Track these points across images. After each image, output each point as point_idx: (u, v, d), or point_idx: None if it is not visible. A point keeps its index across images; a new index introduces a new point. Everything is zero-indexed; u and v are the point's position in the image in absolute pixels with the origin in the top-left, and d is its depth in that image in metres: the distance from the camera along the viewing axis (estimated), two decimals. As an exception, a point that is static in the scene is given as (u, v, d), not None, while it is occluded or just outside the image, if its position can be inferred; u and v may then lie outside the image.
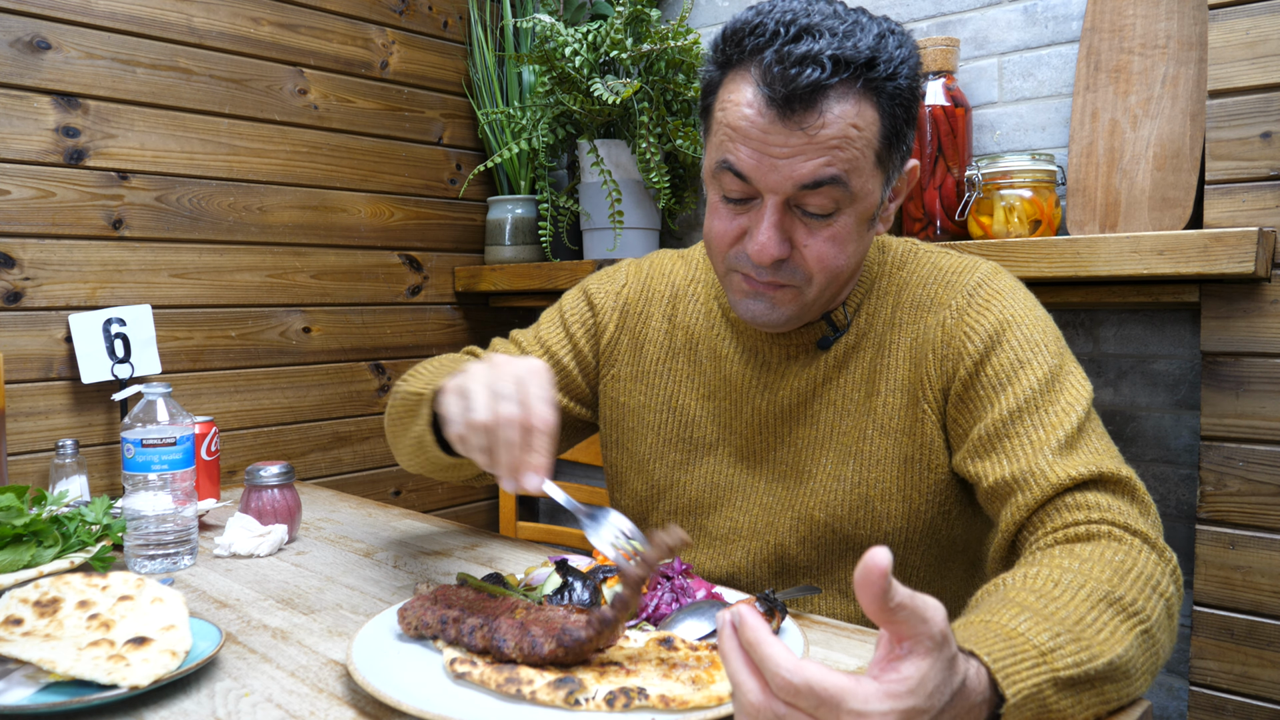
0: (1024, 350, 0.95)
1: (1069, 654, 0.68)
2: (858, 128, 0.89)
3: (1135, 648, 0.73)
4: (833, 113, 0.88)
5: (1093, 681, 0.69)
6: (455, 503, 2.24)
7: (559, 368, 1.18)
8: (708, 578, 1.09)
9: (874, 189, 0.94)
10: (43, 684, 0.74)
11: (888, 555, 0.52)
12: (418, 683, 0.75)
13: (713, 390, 1.10)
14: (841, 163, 0.89)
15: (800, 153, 0.88)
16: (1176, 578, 0.83)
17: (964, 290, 1.00)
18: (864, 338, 1.04)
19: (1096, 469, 0.87)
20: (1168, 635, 0.78)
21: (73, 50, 1.59)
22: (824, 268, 0.94)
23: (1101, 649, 0.70)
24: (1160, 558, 0.83)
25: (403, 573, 1.12)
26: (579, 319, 1.19)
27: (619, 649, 0.79)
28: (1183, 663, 1.44)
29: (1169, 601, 0.80)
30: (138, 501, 1.11)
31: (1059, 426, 0.90)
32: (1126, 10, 1.41)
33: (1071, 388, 0.94)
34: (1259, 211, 1.21)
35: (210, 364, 1.80)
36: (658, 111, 1.81)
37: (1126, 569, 0.79)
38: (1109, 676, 0.70)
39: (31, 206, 1.56)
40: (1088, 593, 0.75)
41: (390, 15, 2.06)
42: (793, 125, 0.88)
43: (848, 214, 0.93)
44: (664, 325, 1.15)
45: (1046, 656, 0.66)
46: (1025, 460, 0.89)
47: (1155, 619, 0.76)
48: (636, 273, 1.20)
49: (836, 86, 0.87)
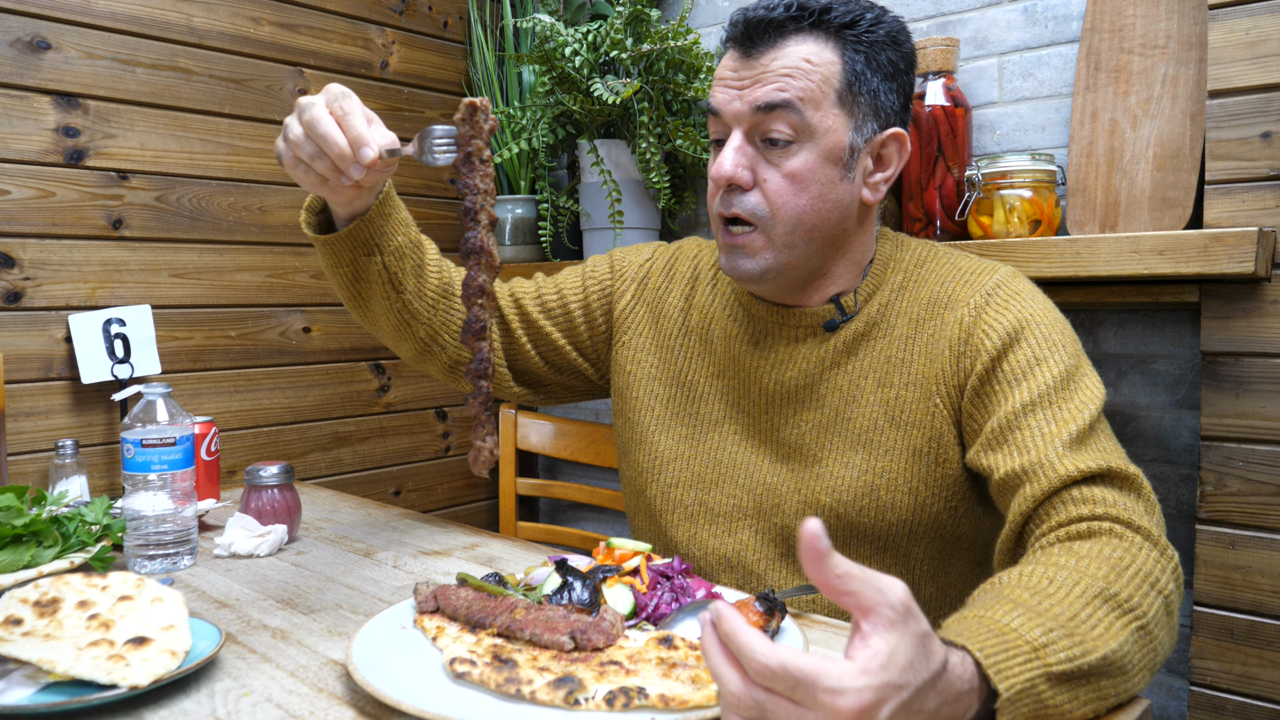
0: (1041, 348, 0.97)
1: (1062, 649, 0.68)
2: (811, 62, 0.98)
3: (1131, 644, 0.73)
4: (788, 48, 0.98)
5: (1087, 677, 0.69)
6: (455, 503, 2.24)
7: (564, 312, 1.23)
8: (713, 555, 1.09)
9: (836, 128, 0.99)
10: (42, 684, 0.74)
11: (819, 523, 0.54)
12: (417, 682, 0.75)
13: (722, 369, 1.13)
14: (794, 90, 0.97)
15: (757, 81, 0.99)
16: (1177, 576, 0.83)
17: (983, 289, 1.03)
18: (875, 327, 1.06)
19: (1105, 464, 0.89)
20: (1167, 632, 0.78)
21: (73, 50, 1.59)
22: (782, 203, 1.00)
23: (1095, 644, 0.70)
24: (1161, 555, 0.83)
25: (403, 573, 1.12)
26: (597, 278, 1.25)
27: (619, 648, 0.79)
28: (1183, 663, 1.44)
29: (1168, 599, 0.80)
30: (137, 502, 1.11)
31: (1071, 422, 0.92)
32: (1126, 10, 1.41)
33: (1086, 388, 0.95)
34: (1259, 211, 1.21)
35: (210, 364, 1.80)
36: (658, 111, 1.81)
37: (1125, 566, 0.80)
38: (1104, 672, 0.70)
39: (31, 206, 1.56)
40: (1083, 589, 0.75)
41: (390, 15, 2.06)
42: (753, 61, 0.99)
43: (808, 150, 0.99)
44: (681, 304, 1.20)
45: (1039, 652, 0.66)
46: (1036, 453, 0.91)
47: (1153, 616, 0.76)
48: (664, 252, 1.26)
49: (792, 29, 0.98)
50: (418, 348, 1.16)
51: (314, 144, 0.89)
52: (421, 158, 0.89)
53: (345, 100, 0.89)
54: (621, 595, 0.89)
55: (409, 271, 1.09)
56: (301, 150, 0.90)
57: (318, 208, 1.07)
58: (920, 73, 1.51)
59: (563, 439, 1.82)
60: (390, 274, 1.07)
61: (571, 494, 1.78)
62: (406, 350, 1.17)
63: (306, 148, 0.90)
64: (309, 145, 0.90)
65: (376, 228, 1.04)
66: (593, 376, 1.27)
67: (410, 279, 1.09)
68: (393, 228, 1.06)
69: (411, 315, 1.12)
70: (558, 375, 1.26)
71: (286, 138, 0.91)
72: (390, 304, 1.10)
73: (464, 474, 2.25)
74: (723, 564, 1.09)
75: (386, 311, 1.11)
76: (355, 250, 1.05)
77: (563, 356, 1.24)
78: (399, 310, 1.11)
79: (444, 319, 1.14)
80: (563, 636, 0.78)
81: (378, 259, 1.06)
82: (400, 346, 1.17)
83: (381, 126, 0.92)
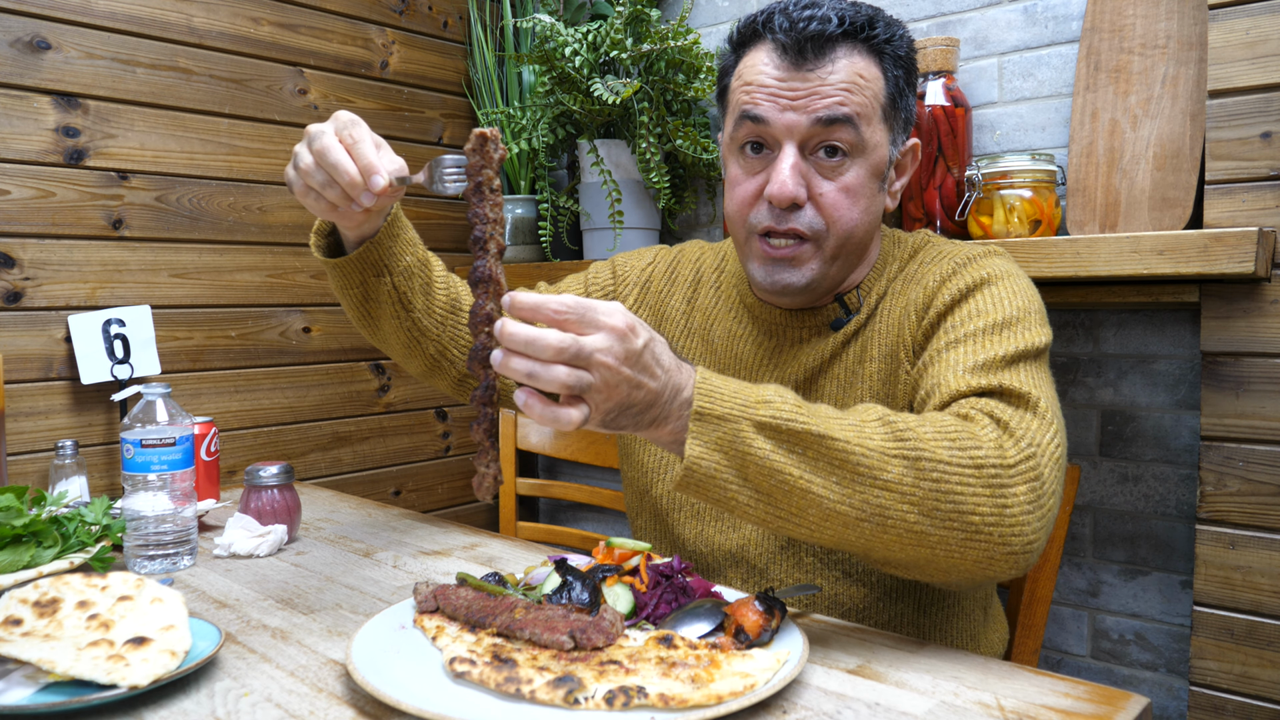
0: (986, 303, 0.97)
1: (780, 407, 0.78)
2: (864, 78, 0.98)
3: (872, 450, 0.78)
4: (841, 61, 0.97)
5: (797, 438, 0.77)
6: (455, 503, 2.24)
7: None
8: (718, 551, 1.09)
9: (882, 143, 1.01)
10: (42, 684, 0.74)
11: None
12: (417, 682, 0.75)
13: (724, 367, 1.14)
14: (853, 104, 0.97)
15: (815, 93, 0.97)
16: (1018, 464, 0.80)
17: (954, 261, 1.04)
18: (871, 318, 1.08)
19: (999, 383, 0.87)
20: (968, 485, 0.78)
21: (73, 50, 1.59)
22: (838, 217, 1.00)
23: (823, 425, 0.78)
24: (1002, 435, 0.82)
25: (403, 573, 1.12)
26: (599, 284, 1.26)
27: (619, 648, 0.79)
28: (1183, 663, 1.44)
29: (977, 463, 0.79)
30: (137, 502, 1.11)
31: (982, 351, 0.91)
32: (1126, 10, 1.41)
33: (1019, 335, 0.93)
34: (1259, 211, 1.21)
35: (210, 364, 1.80)
36: (658, 111, 1.81)
37: (936, 421, 0.82)
38: (819, 446, 0.77)
39: (31, 206, 1.56)
40: (864, 409, 0.82)
41: (390, 15, 2.06)
42: (805, 71, 0.97)
43: (859, 165, 0.99)
44: (684, 307, 1.20)
45: (757, 404, 0.78)
46: (938, 376, 0.92)
47: (931, 457, 0.78)
48: (666, 255, 1.27)
49: (842, 40, 0.98)
50: (427, 364, 1.16)
51: (324, 172, 0.90)
52: (432, 186, 0.89)
53: (354, 128, 0.90)
54: (621, 595, 0.89)
55: (417, 290, 1.10)
56: (312, 179, 0.91)
57: (326, 230, 1.08)
58: (920, 73, 1.51)
59: (562, 439, 1.82)
60: (399, 294, 1.08)
61: (571, 494, 1.78)
62: (416, 366, 1.18)
63: (317, 176, 0.90)
64: (320, 174, 0.90)
65: (385, 249, 1.05)
66: None
67: (419, 297, 1.10)
68: (401, 248, 1.06)
69: (421, 333, 1.13)
70: None
71: (297, 166, 0.92)
72: (400, 323, 1.11)
73: (464, 474, 2.25)
74: (728, 560, 1.09)
75: (396, 330, 1.12)
76: (365, 272, 1.06)
77: None
78: (408, 328, 1.12)
79: (452, 334, 1.15)
80: (562, 636, 0.78)
81: (387, 279, 1.07)
82: (410, 363, 1.18)
83: (390, 152, 0.92)
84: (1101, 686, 0.75)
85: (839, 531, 0.79)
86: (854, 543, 0.80)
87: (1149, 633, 1.48)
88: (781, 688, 0.72)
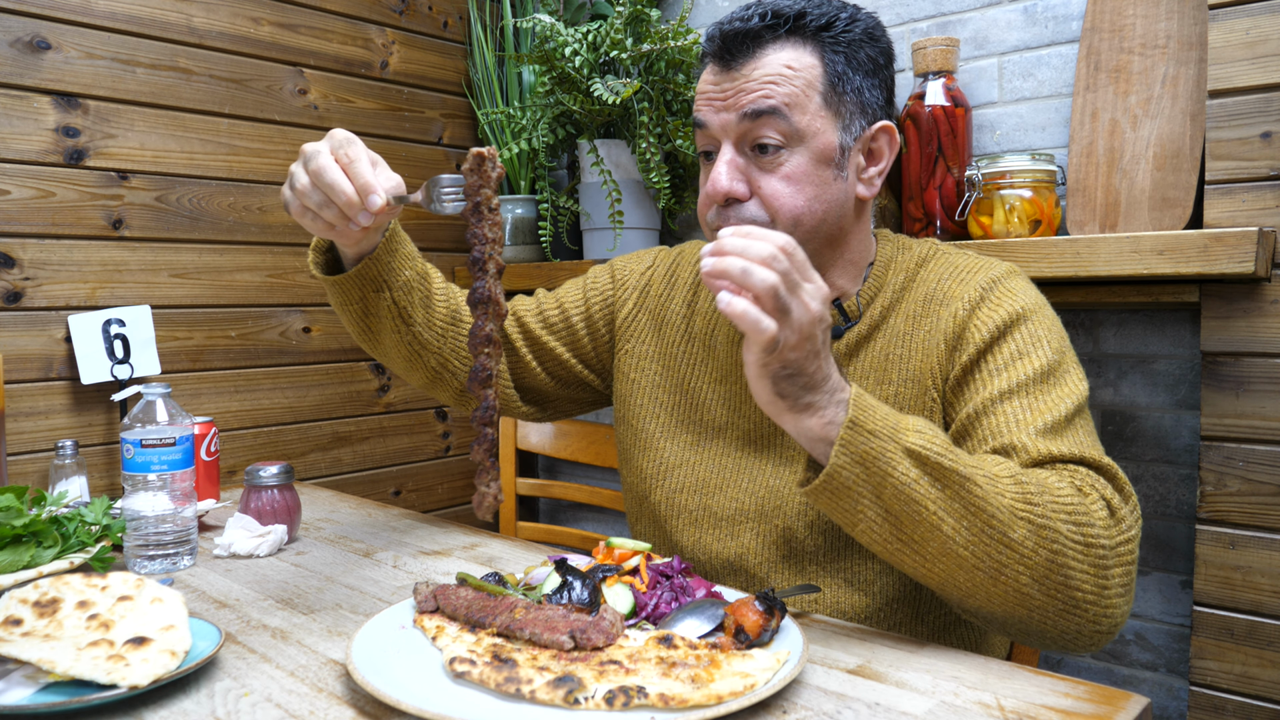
0: (1026, 343, 0.97)
1: (929, 439, 0.80)
2: (792, 68, 0.99)
3: (1004, 508, 0.80)
4: (768, 56, 0.99)
5: (943, 473, 0.79)
6: (455, 503, 2.24)
7: (567, 325, 1.24)
8: (717, 559, 1.09)
9: (824, 129, 1.00)
10: (42, 684, 0.74)
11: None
12: (417, 682, 0.75)
13: (725, 374, 1.14)
14: (779, 96, 0.98)
15: (741, 90, 0.99)
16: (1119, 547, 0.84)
17: (979, 285, 1.03)
18: (877, 329, 1.07)
19: (1080, 453, 0.89)
20: (1079, 561, 0.81)
21: (73, 50, 1.59)
22: (780, 205, 1.00)
23: (966, 469, 0.79)
24: (1110, 518, 0.84)
25: (403, 573, 1.12)
26: (599, 288, 1.25)
27: (619, 647, 0.79)
28: (1183, 663, 1.44)
29: (1088, 541, 0.82)
30: (137, 502, 1.11)
31: (1047, 412, 0.92)
32: (1126, 10, 1.41)
33: (1067, 383, 0.95)
34: (1259, 211, 1.21)
35: (210, 364, 1.80)
36: (658, 111, 1.81)
37: (1058, 490, 0.83)
38: (961, 487, 0.79)
39: (31, 206, 1.56)
40: (995, 462, 0.83)
41: (390, 15, 2.06)
42: (734, 73, 1.00)
43: (799, 154, 1.00)
44: (684, 310, 1.20)
45: (906, 428, 0.80)
46: (1010, 436, 0.91)
47: (1055, 530, 0.81)
48: (665, 258, 1.26)
49: (769, 38, 0.99)
50: (429, 376, 1.17)
51: (321, 192, 0.89)
52: (429, 206, 0.89)
53: (350, 147, 0.89)
54: (621, 595, 0.89)
55: (417, 304, 1.10)
56: (309, 199, 0.90)
57: (324, 247, 1.07)
58: (920, 73, 1.51)
59: (563, 439, 1.82)
60: (400, 308, 1.08)
61: (571, 494, 1.78)
62: (418, 379, 1.18)
63: (314, 196, 0.90)
64: (316, 194, 0.89)
65: (384, 265, 1.05)
66: (599, 387, 1.28)
67: (419, 311, 1.10)
68: (399, 263, 1.06)
69: (422, 346, 1.13)
70: (564, 389, 1.27)
71: (293, 187, 0.91)
72: (400, 336, 1.11)
73: (464, 474, 2.26)
74: (726, 568, 1.09)
75: (397, 344, 1.12)
76: (364, 288, 1.05)
77: (568, 370, 1.24)
78: (409, 342, 1.12)
79: (453, 347, 1.16)
80: (562, 636, 0.78)
81: (386, 295, 1.07)
82: (412, 376, 1.18)
83: (387, 170, 0.92)
84: (1101, 686, 0.75)
85: (950, 570, 0.82)
86: (959, 584, 0.83)
87: (1149, 633, 1.48)
88: (781, 688, 0.72)
